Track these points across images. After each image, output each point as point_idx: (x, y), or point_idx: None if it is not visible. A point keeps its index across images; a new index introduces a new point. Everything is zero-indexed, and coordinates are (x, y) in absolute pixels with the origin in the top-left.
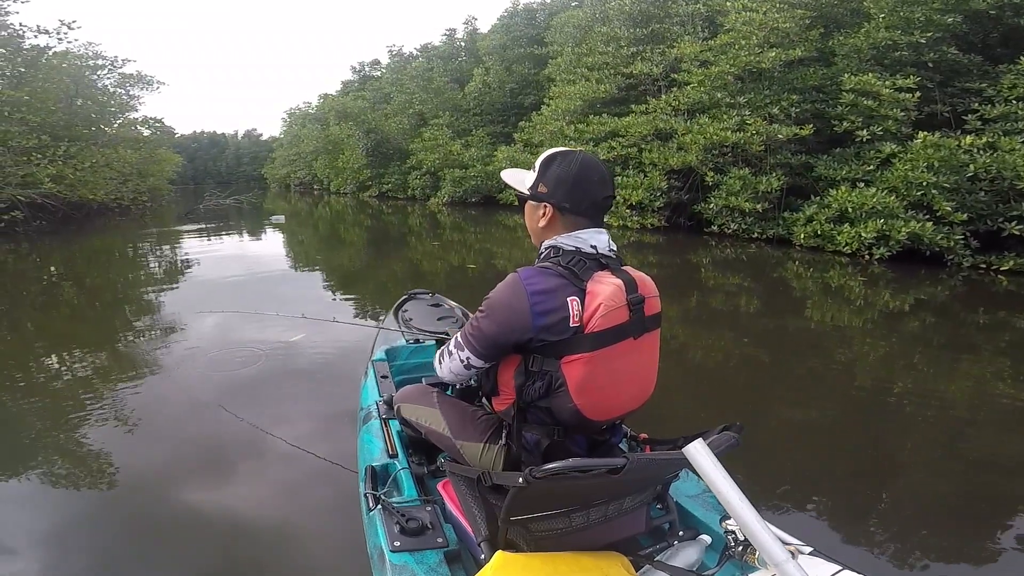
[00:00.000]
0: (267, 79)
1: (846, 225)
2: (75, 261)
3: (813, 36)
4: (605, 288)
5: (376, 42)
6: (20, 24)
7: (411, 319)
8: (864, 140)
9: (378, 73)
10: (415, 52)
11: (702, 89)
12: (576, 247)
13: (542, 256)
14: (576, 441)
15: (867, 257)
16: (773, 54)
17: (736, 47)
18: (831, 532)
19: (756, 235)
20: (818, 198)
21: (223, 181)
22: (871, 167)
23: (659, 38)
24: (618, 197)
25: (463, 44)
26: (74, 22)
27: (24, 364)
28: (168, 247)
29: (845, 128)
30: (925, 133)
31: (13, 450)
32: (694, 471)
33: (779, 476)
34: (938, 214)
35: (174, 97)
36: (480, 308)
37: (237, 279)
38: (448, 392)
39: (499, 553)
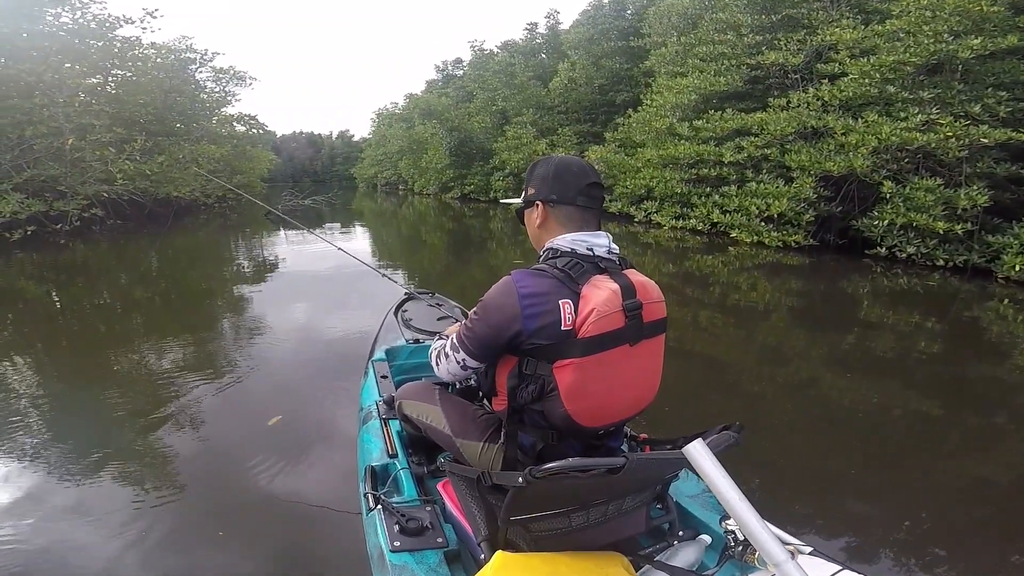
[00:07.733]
0: (359, 81)
1: None
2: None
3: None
4: (600, 293)
5: (459, 38)
6: (108, 15)
7: (411, 319)
8: None
9: (461, 72)
10: (496, 49)
11: (867, 81)
12: (572, 249)
13: (540, 259)
14: (571, 446)
15: None
16: (977, 42)
17: (916, 33)
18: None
19: (941, 262)
20: None
21: (318, 180)
22: None
23: (795, 24)
24: (752, 208)
25: (544, 40)
26: (156, 10)
27: (101, 361)
28: (250, 247)
29: None
30: None
31: (90, 441)
32: (694, 471)
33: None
34: None
35: (273, 95)
36: (474, 310)
37: (302, 278)
38: (449, 390)
39: (499, 553)
